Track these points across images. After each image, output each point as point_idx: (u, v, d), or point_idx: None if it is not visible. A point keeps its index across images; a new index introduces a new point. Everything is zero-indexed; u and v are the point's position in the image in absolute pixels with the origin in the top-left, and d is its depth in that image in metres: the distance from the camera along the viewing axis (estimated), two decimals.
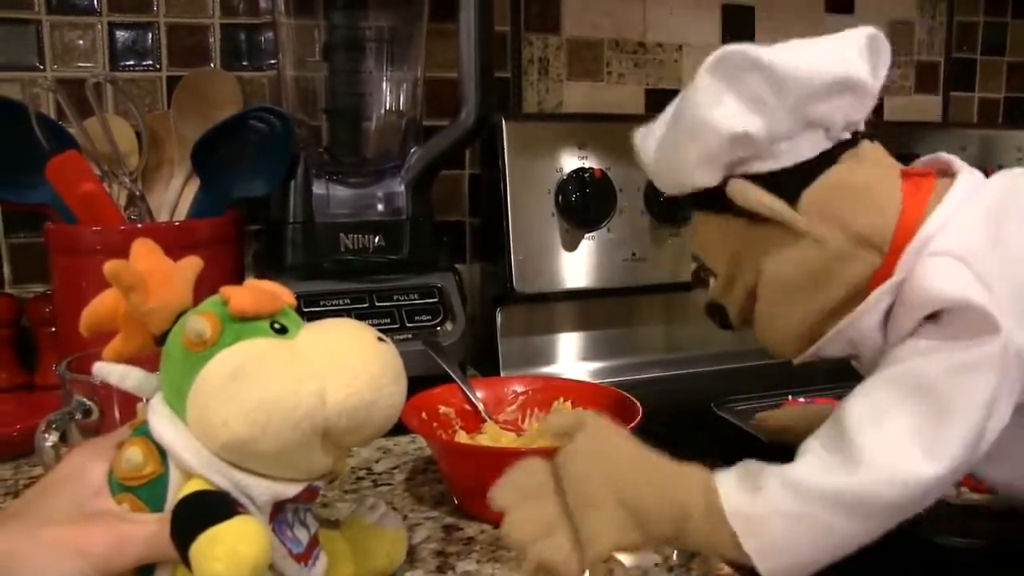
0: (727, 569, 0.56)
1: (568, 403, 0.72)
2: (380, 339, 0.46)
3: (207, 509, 0.41)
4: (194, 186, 0.87)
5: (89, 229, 0.79)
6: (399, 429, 0.64)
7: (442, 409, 0.70)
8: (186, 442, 0.43)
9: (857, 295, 0.51)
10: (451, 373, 0.75)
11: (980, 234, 0.49)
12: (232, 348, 0.43)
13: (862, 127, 0.55)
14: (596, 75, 1.15)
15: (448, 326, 0.85)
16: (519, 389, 0.75)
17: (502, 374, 0.96)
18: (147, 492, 0.44)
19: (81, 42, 0.96)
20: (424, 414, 0.68)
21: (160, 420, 0.44)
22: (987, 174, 1.13)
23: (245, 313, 0.44)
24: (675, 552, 0.58)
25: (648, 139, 0.57)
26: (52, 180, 0.77)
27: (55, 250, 0.81)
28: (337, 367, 0.44)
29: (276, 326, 0.45)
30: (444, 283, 0.87)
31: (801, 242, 0.52)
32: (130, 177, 0.86)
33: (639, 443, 0.50)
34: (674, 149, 0.54)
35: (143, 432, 0.45)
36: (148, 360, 0.48)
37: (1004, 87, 1.40)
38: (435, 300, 0.86)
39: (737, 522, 0.45)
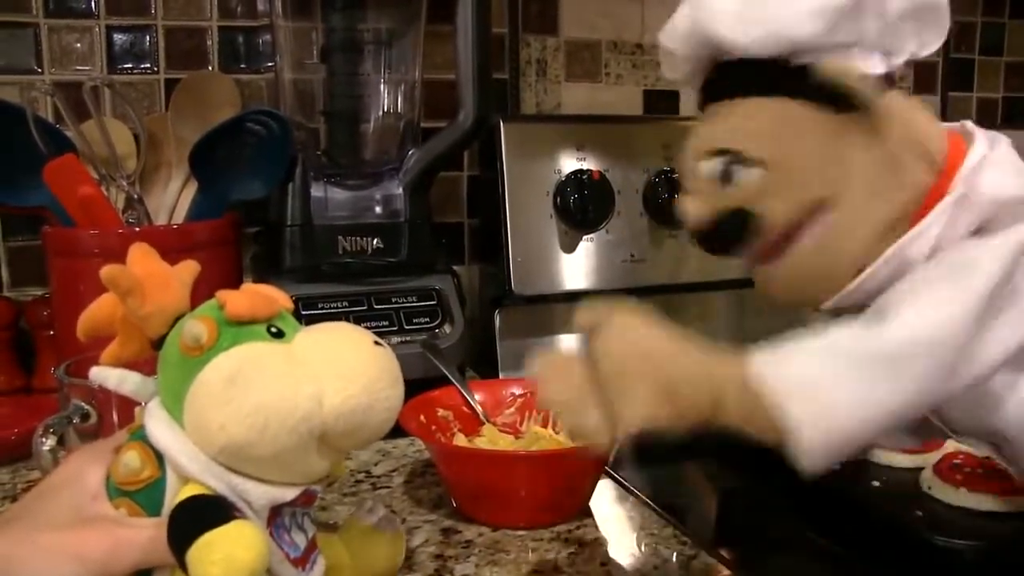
0: (726, 571, 0.56)
1: None
2: (377, 343, 0.46)
3: (203, 513, 0.41)
4: (192, 189, 0.87)
5: (87, 232, 0.79)
6: (398, 432, 0.64)
7: (440, 412, 0.70)
8: (183, 446, 0.43)
9: (907, 218, 0.49)
10: (449, 376, 0.75)
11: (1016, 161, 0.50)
12: (229, 352, 0.43)
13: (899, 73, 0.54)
14: (594, 76, 1.15)
15: (446, 328, 0.85)
16: (517, 391, 0.75)
17: (501, 376, 0.96)
18: (144, 496, 0.44)
19: (79, 45, 0.96)
20: (422, 417, 0.68)
21: (157, 424, 0.44)
22: None
23: (241, 317, 0.44)
24: (674, 554, 0.58)
25: None
26: (50, 183, 0.77)
27: (53, 253, 0.81)
28: (334, 371, 0.44)
29: (273, 330, 0.45)
30: (442, 285, 0.87)
31: (878, 142, 0.49)
32: (128, 180, 0.86)
33: (668, 327, 0.48)
34: None
35: (140, 436, 0.45)
36: (146, 364, 0.47)
37: (1002, 87, 1.40)
38: (433, 302, 0.86)
39: (772, 386, 0.44)
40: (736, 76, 0.52)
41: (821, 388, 0.44)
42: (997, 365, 0.45)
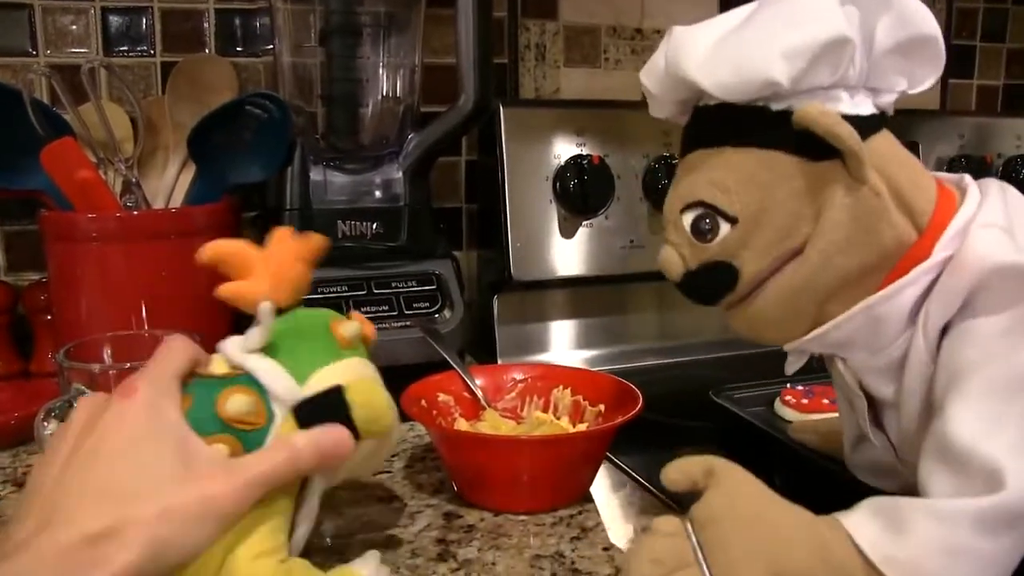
0: None
1: (568, 391, 0.72)
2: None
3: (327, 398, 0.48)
4: (190, 173, 0.86)
5: (85, 216, 0.78)
6: (399, 416, 0.64)
7: (441, 396, 0.70)
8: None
9: (883, 269, 0.49)
10: (450, 360, 0.74)
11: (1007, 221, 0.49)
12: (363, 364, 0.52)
13: (890, 112, 0.53)
14: (594, 61, 1.15)
15: (446, 313, 0.84)
16: (518, 376, 0.74)
17: (499, 361, 0.96)
18: (249, 437, 0.47)
19: (74, 27, 0.95)
20: (423, 401, 0.68)
21: (284, 383, 0.48)
22: (986, 162, 1.12)
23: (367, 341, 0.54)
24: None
25: (700, 33, 0.51)
26: (47, 167, 0.76)
27: (50, 237, 0.81)
28: None
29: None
30: (442, 270, 0.87)
31: (857, 191, 0.48)
32: (125, 164, 0.85)
33: (774, 494, 0.47)
34: (759, 34, 0.48)
35: (245, 382, 0.48)
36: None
37: (1003, 74, 1.40)
38: (433, 287, 0.85)
39: (892, 569, 0.42)
40: (713, 123, 0.51)
41: (939, 572, 0.42)
42: None
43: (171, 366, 0.47)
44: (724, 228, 0.50)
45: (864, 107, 0.50)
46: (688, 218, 0.52)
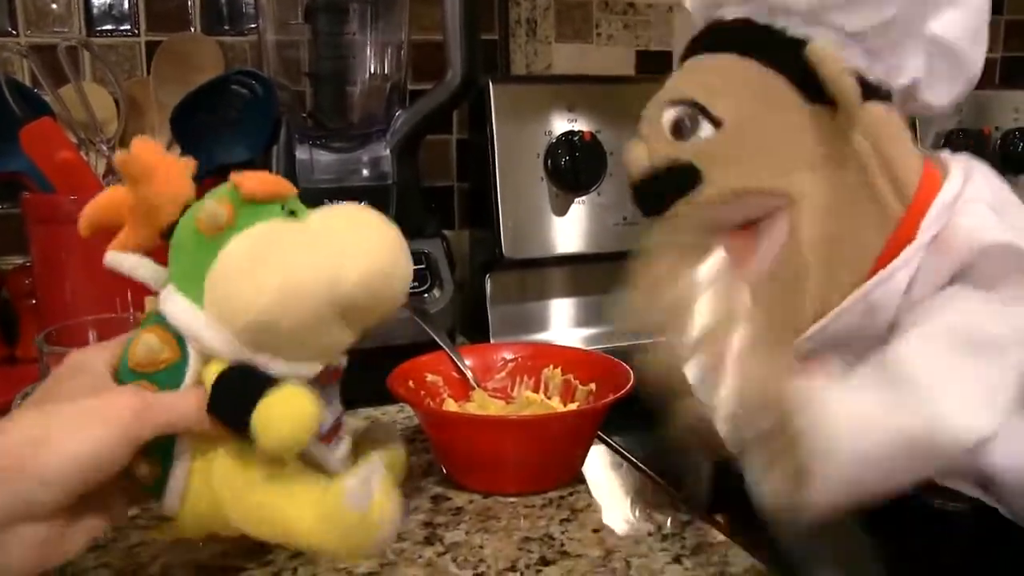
0: (721, 536, 0.55)
1: (558, 370, 0.71)
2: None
3: (251, 381, 0.43)
4: (175, 154, 0.85)
5: (67, 198, 0.77)
6: (387, 398, 0.64)
7: (430, 377, 0.69)
8: (208, 325, 0.44)
9: (870, 246, 0.47)
10: (439, 340, 0.73)
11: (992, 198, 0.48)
12: (249, 230, 0.44)
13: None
14: (585, 36, 1.13)
15: (436, 293, 0.83)
16: (508, 356, 0.73)
17: (492, 341, 0.95)
18: (163, 377, 0.45)
19: (55, 6, 0.93)
20: (411, 382, 0.67)
21: (177, 307, 0.45)
22: (984, 135, 1.11)
23: (256, 196, 0.45)
24: (668, 520, 0.57)
25: None
26: (26, 148, 0.75)
27: (33, 220, 0.79)
28: (353, 243, 0.44)
29: (287, 211, 0.46)
30: (432, 249, 0.86)
31: (843, 147, 0.46)
32: (108, 144, 0.84)
33: None
34: None
35: (157, 320, 0.46)
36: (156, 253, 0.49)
37: (1002, 46, 1.38)
38: (422, 267, 0.84)
39: None
40: (723, 33, 0.50)
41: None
42: None
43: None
44: (705, 130, 0.47)
45: (871, 71, 0.48)
46: (670, 114, 0.49)
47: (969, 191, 0.47)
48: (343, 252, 0.43)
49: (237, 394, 0.43)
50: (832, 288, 0.48)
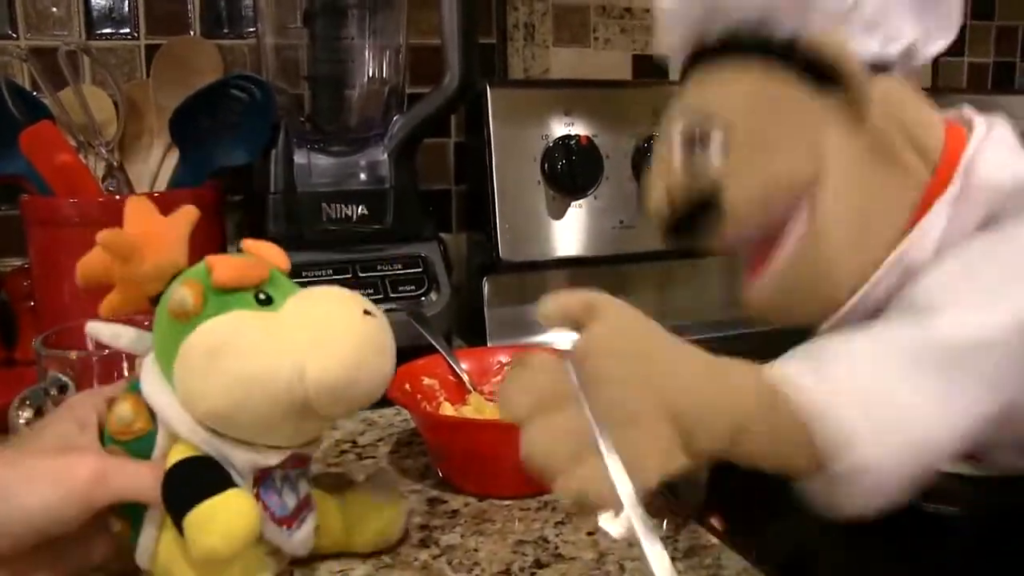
0: (714, 539, 0.55)
1: None
2: (367, 312, 0.46)
3: (198, 479, 0.43)
4: (174, 157, 0.85)
5: (66, 201, 0.77)
6: (383, 401, 0.63)
7: (426, 380, 0.69)
8: (173, 406, 0.44)
9: (904, 209, 0.47)
10: (435, 344, 0.74)
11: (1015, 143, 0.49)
12: (213, 322, 0.43)
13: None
14: (583, 41, 1.14)
15: (433, 296, 0.84)
16: (504, 359, 0.74)
17: (489, 344, 0.95)
18: (135, 447, 0.46)
19: (55, 9, 0.93)
20: (408, 386, 0.67)
21: (151, 381, 0.45)
22: None
23: (226, 285, 0.44)
24: (664, 521, 0.57)
25: None
26: (25, 151, 0.76)
27: (32, 223, 0.80)
28: (317, 342, 0.43)
29: (261, 297, 0.45)
30: (429, 253, 0.86)
31: (859, 128, 0.47)
32: (107, 147, 0.84)
33: (667, 332, 0.42)
34: None
35: (137, 388, 0.46)
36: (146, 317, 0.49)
37: (993, 52, 1.38)
38: (419, 270, 0.85)
39: (813, 395, 0.39)
40: (716, 47, 0.50)
41: (887, 392, 0.39)
42: None
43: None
44: (719, 146, 0.48)
45: (873, 47, 0.49)
46: (681, 139, 0.50)
47: (992, 141, 0.48)
48: (307, 351, 0.43)
49: (179, 491, 0.43)
50: (866, 258, 0.48)
